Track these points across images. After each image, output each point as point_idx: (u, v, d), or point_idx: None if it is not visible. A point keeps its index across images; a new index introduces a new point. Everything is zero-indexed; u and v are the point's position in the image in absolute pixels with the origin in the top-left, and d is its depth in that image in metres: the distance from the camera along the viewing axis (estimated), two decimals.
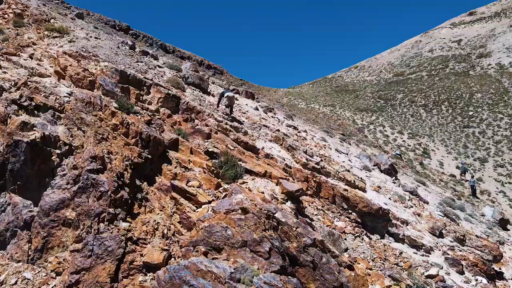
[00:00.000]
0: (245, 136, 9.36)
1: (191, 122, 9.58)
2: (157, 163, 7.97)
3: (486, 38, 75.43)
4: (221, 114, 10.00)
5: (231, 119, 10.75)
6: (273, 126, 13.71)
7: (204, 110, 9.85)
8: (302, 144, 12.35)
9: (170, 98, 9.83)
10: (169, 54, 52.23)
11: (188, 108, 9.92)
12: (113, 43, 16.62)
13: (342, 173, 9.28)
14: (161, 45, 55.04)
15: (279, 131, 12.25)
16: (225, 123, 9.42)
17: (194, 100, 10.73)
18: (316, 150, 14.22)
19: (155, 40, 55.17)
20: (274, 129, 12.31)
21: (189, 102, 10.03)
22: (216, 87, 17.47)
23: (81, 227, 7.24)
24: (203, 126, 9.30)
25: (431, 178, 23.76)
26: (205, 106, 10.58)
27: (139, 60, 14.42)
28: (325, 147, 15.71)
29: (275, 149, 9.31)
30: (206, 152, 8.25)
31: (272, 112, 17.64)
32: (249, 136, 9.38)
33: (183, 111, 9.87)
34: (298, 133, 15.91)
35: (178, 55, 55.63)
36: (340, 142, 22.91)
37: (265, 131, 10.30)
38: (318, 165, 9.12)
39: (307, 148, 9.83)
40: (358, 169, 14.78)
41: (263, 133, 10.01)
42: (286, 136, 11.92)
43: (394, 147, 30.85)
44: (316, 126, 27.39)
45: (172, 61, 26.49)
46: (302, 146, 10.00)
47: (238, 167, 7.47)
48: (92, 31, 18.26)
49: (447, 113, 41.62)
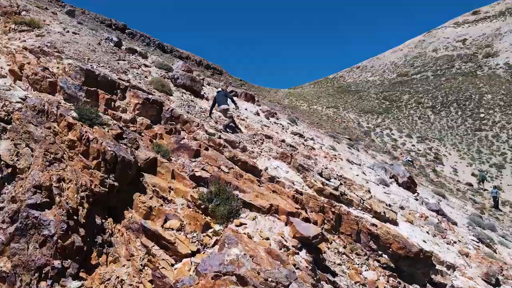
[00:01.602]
0: (244, 153, 7.40)
1: (175, 134, 7.61)
2: (128, 192, 6.02)
3: (492, 37, 73.55)
4: (213, 124, 8.02)
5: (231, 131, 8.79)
6: (277, 135, 11.75)
7: (192, 120, 7.88)
8: (311, 155, 10.39)
9: (150, 104, 7.86)
10: (166, 54, 50.36)
11: (172, 116, 7.95)
12: (94, 39, 14.65)
13: (368, 201, 7.31)
14: (158, 44, 53.18)
15: (285, 142, 10.29)
16: (218, 136, 7.44)
17: (181, 106, 8.77)
18: (326, 163, 12.27)
19: (152, 40, 53.31)
20: (278, 139, 10.36)
21: (175, 109, 8.06)
22: (212, 89, 15.51)
23: (18, 284, 5.27)
24: (191, 141, 7.33)
25: (448, 188, 21.80)
26: (194, 113, 8.62)
27: (122, 58, 12.46)
28: (335, 158, 13.74)
29: (281, 169, 7.36)
30: (192, 176, 6.29)
31: (275, 117, 15.67)
32: (248, 152, 7.42)
33: (167, 121, 7.90)
34: (305, 141, 13.95)
35: (176, 55, 53.74)
36: (348, 149, 20.97)
37: (269, 145, 8.31)
38: (337, 191, 7.16)
39: (321, 168, 7.83)
40: (375, 184, 12.83)
41: (266, 148, 8.04)
42: (293, 148, 9.95)
43: (403, 152, 28.88)
44: (321, 130, 25.44)
45: (166, 60, 24.53)
46: (315, 164, 8.01)
47: (233, 200, 5.51)
48: (73, 26, 16.30)
49: (456, 115, 39.68)
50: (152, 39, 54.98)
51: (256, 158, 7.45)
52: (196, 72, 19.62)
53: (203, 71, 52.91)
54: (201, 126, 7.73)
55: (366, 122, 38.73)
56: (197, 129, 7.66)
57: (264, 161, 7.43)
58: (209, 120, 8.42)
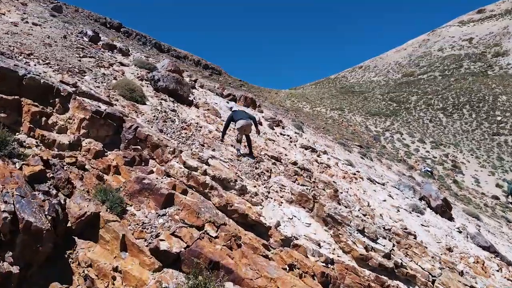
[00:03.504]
0: (243, 197, 4.83)
1: (139, 166, 5.04)
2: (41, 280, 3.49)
3: (500, 36, 71.14)
4: (196, 151, 5.36)
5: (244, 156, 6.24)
6: (285, 152, 9.18)
7: (166, 143, 5.30)
8: (331, 182, 7.83)
9: (103, 120, 5.28)
10: (163, 54, 47.84)
11: (137, 138, 5.38)
12: (61, 32, 12.09)
13: (443, 279, 4.71)
14: (155, 43, 50.65)
15: (297, 165, 7.73)
16: (203, 170, 4.87)
17: (154, 120, 6.19)
18: (347, 186, 9.72)
19: (148, 39, 50.82)
20: (288, 161, 7.79)
21: (141, 127, 5.49)
22: (205, 93, 12.93)
23: None
24: (161, 177, 4.77)
25: (474, 203, 19.25)
26: (172, 131, 6.04)
27: (90, 55, 9.88)
28: (355, 177, 11.18)
29: (300, 221, 4.82)
30: (154, 250, 3.72)
31: (280, 126, 13.11)
32: (250, 195, 4.85)
33: (128, 144, 5.32)
34: (318, 156, 11.39)
35: (174, 55, 51.17)
36: (361, 159, 18.45)
37: (278, 179, 5.69)
38: (390, 260, 4.60)
39: (362, 224, 5.10)
40: (407, 212, 10.29)
41: (275, 186, 5.43)
42: (309, 173, 7.38)
43: (418, 160, 26.33)
44: (328, 137, 22.90)
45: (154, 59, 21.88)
46: (350, 212, 5.37)
47: None
48: (40, 17, 13.73)
49: (470, 118, 37.14)
50: (149, 38, 52.55)
51: (262, 203, 4.89)
52: (187, 73, 17.05)
53: (201, 71, 50.33)
54: (179, 154, 5.15)
55: (374, 125, 36.18)
56: (172, 157, 5.09)
57: (273, 208, 4.88)
58: (192, 142, 5.82)
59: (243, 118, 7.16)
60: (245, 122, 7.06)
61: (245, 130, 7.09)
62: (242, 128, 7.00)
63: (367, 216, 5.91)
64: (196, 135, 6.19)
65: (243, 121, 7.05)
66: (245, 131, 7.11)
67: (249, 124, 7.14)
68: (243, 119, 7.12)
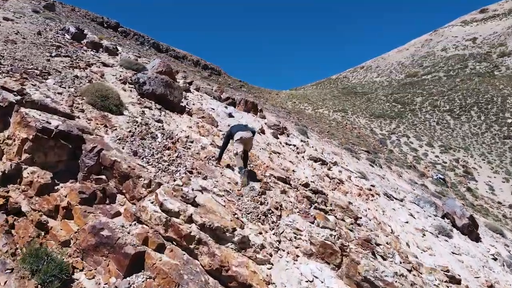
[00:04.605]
0: (243, 253, 3.42)
1: (101, 206, 3.64)
2: None
3: (504, 36, 69.93)
4: (180, 183, 3.89)
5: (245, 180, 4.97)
6: (293, 170, 7.79)
7: (138, 173, 3.89)
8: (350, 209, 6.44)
9: (53, 140, 3.90)
10: (162, 54, 46.53)
11: (101, 164, 3.99)
12: (36, 27, 10.68)
13: None
14: (153, 43, 49.45)
15: (308, 187, 6.34)
16: (188, 215, 3.45)
17: (129, 137, 4.78)
18: (364, 206, 8.34)
19: (146, 39, 49.64)
20: (299, 183, 6.41)
21: (106, 151, 4.08)
22: (201, 97, 11.51)
23: None
24: (129, 223, 3.37)
25: (492, 214, 17.87)
26: (152, 151, 4.63)
27: (63, 54, 8.46)
28: (371, 194, 9.80)
29: (323, 285, 3.42)
30: None
31: (285, 134, 11.71)
32: (253, 251, 3.41)
33: (88, 173, 3.91)
34: (329, 170, 9.99)
35: (172, 55, 49.92)
36: (371, 166, 17.06)
37: (291, 220, 4.21)
38: None
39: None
40: (433, 236, 8.91)
41: (288, 231, 3.93)
42: (323, 197, 6.00)
43: (428, 165, 24.94)
44: (334, 141, 21.52)
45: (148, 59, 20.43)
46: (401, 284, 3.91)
47: None
48: (16, 12, 12.34)
49: (479, 120, 35.76)
50: (147, 38, 51.41)
51: (270, 259, 3.50)
52: (182, 74, 15.64)
53: (200, 72, 48.97)
54: (156, 187, 3.74)
55: (379, 128, 34.78)
56: (147, 193, 3.68)
57: (287, 266, 3.49)
58: (176, 168, 4.36)
59: (243, 129, 5.99)
60: (246, 133, 5.88)
61: (245, 144, 5.84)
62: (242, 140, 5.75)
63: (410, 267, 4.50)
64: (183, 156, 4.77)
65: (243, 132, 5.88)
66: (245, 146, 5.84)
67: (250, 137, 5.96)
68: (242, 130, 5.95)
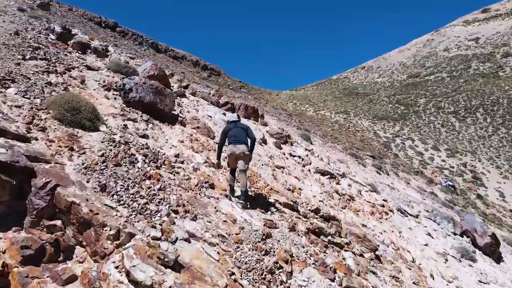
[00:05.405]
0: None
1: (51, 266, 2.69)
2: None
3: (508, 36, 69.02)
4: (157, 234, 2.92)
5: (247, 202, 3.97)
6: (300, 188, 6.84)
7: (103, 219, 2.93)
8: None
9: None
10: (160, 54, 45.58)
11: (55, 207, 3.04)
12: (16, 27, 9.74)
13: None
14: (152, 44, 48.53)
15: (318, 215, 5.39)
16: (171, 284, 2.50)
17: (100, 163, 3.83)
18: (379, 227, 7.39)
19: (145, 39, 48.70)
20: (307, 208, 5.46)
21: (62, 188, 3.13)
22: (197, 103, 10.55)
23: None
24: None
25: (506, 224, 16.93)
26: (128, 183, 3.68)
27: (40, 57, 7.51)
28: (385, 211, 8.86)
29: None
30: None
31: (288, 143, 10.75)
32: None
33: (38, 219, 2.97)
34: (338, 184, 9.05)
35: (171, 55, 48.98)
36: (377, 173, 16.13)
37: (306, 278, 3.25)
38: None
39: None
40: (456, 260, 7.99)
41: None
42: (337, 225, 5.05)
43: (435, 171, 23.99)
44: (338, 146, 20.58)
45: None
46: None
47: None
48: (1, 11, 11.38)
49: (485, 122, 34.82)
50: (145, 38, 50.45)
51: None
52: (178, 76, 14.66)
53: (199, 72, 48.00)
54: (126, 240, 2.78)
55: (383, 130, 33.82)
56: (114, 247, 2.71)
57: None
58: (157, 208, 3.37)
59: (233, 141, 4.82)
60: (235, 148, 4.71)
61: (236, 157, 4.70)
62: (232, 156, 4.71)
63: None
64: (168, 187, 3.81)
65: (232, 147, 4.74)
66: (236, 160, 4.67)
67: (241, 151, 4.72)
68: (232, 142, 4.80)
